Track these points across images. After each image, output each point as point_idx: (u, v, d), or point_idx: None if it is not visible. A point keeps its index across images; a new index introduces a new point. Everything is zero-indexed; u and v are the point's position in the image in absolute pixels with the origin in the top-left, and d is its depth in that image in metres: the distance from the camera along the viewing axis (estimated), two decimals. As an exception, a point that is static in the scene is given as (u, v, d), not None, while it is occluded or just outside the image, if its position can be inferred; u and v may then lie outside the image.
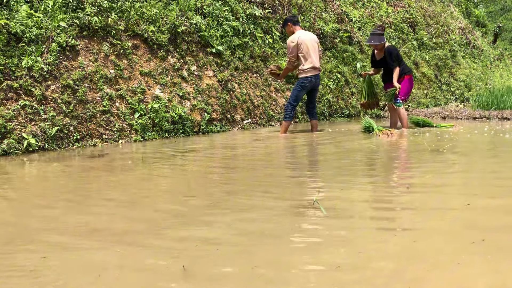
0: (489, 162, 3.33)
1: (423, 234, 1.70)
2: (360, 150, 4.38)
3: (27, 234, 1.92)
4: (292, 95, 5.88)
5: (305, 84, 5.76)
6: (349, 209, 2.08)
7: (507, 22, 26.60)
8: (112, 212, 2.22)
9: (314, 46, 5.79)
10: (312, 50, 5.72)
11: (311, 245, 1.64)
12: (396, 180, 2.79)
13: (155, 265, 1.50)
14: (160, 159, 4.07)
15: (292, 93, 5.92)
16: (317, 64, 5.80)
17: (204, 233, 1.82)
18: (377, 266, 1.42)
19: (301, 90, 5.82)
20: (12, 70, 4.76)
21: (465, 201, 2.17)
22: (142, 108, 5.66)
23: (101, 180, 3.18)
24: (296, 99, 5.86)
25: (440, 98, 11.81)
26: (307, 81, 5.74)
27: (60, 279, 1.42)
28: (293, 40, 5.62)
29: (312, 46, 5.75)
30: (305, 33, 5.85)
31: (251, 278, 1.37)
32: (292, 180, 2.91)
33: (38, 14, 5.16)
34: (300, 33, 5.72)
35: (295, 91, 5.86)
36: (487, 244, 1.55)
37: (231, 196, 2.46)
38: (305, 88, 5.81)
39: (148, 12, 6.21)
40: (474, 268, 1.37)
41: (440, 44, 13.05)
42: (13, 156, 4.35)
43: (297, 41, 5.60)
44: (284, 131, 5.74)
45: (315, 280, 1.34)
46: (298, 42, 5.61)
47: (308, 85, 5.78)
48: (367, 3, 11.41)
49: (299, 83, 5.80)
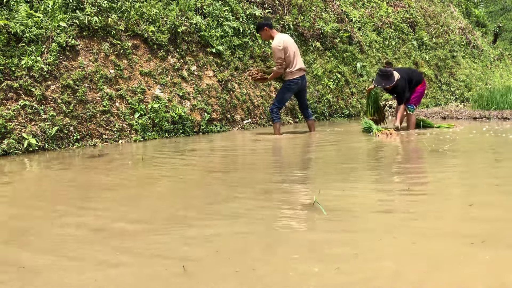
0: (489, 162, 3.33)
1: (423, 234, 1.70)
2: (360, 150, 4.38)
3: (27, 232, 1.92)
4: (278, 97, 5.83)
5: (291, 86, 5.71)
6: (350, 210, 2.08)
7: (507, 22, 26.61)
8: (112, 212, 2.22)
9: (296, 47, 5.79)
10: (296, 52, 5.72)
11: (311, 245, 1.64)
12: (396, 181, 2.79)
13: (155, 265, 1.50)
14: (160, 159, 4.07)
15: (278, 95, 5.86)
16: (303, 65, 5.80)
17: (204, 233, 1.82)
18: (377, 267, 1.42)
19: (287, 92, 5.77)
20: (12, 70, 4.76)
21: (465, 201, 2.18)
22: (142, 108, 5.66)
23: (101, 180, 3.18)
24: (281, 101, 5.81)
25: (440, 98, 11.81)
26: (293, 83, 5.69)
27: (49, 284, 1.42)
28: (279, 44, 5.53)
29: (295, 48, 5.75)
30: (285, 35, 5.79)
31: (250, 280, 1.37)
32: (293, 180, 2.91)
33: (38, 14, 5.16)
34: (281, 37, 5.65)
35: (281, 93, 5.81)
36: (487, 244, 1.55)
37: (231, 196, 2.46)
38: (291, 90, 5.75)
39: (148, 12, 6.21)
40: (474, 269, 1.37)
41: (440, 44, 13.05)
42: (13, 156, 4.36)
43: (283, 44, 5.54)
44: (278, 132, 5.70)
45: (314, 280, 1.34)
46: (284, 45, 5.54)
47: (294, 87, 5.73)
48: (367, 3, 11.41)
49: (285, 86, 5.74)
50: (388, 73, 5.33)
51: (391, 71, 5.35)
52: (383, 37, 10.94)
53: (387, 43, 10.96)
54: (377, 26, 10.97)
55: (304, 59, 8.54)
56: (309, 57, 8.66)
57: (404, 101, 5.56)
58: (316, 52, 8.89)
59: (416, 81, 5.68)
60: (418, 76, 5.76)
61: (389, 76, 5.32)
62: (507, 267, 1.38)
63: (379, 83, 5.43)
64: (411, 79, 5.61)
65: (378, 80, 5.41)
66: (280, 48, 5.52)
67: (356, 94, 9.25)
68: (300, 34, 8.70)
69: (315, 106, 8.29)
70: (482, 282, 1.28)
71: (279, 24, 8.28)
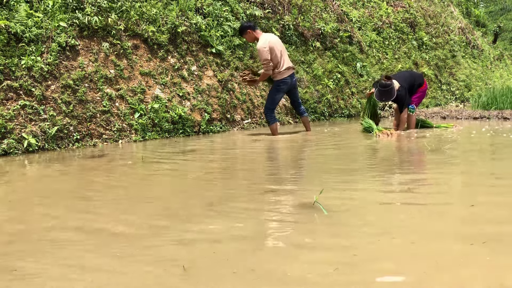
0: (489, 162, 3.33)
1: (423, 235, 1.70)
2: (360, 150, 4.38)
3: (27, 234, 1.92)
4: (269, 100, 5.76)
5: (281, 87, 5.66)
6: (350, 209, 2.08)
7: (507, 22, 26.60)
8: (112, 213, 2.22)
9: (282, 46, 5.73)
10: (283, 51, 5.65)
11: (311, 245, 1.64)
12: (397, 181, 2.79)
13: (155, 265, 1.50)
14: (160, 159, 4.07)
15: (269, 97, 5.79)
16: (291, 63, 5.74)
17: (203, 233, 1.82)
18: (377, 267, 1.42)
19: (277, 93, 5.71)
20: (12, 70, 4.76)
21: (465, 201, 2.18)
22: (142, 108, 5.66)
23: (101, 180, 3.18)
24: (273, 102, 5.75)
25: (440, 98, 11.81)
26: (283, 83, 5.63)
27: (52, 281, 1.42)
28: (264, 45, 5.46)
29: (281, 47, 5.68)
30: (270, 35, 5.71)
31: (249, 280, 1.37)
32: (293, 180, 2.91)
33: (38, 14, 5.16)
34: (266, 37, 5.57)
35: (272, 94, 5.74)
36: (488, 245, 1.55)
37: (230, 196, 2.46)
38: (281, 90, 5.70)
39: (148, 12, 6.21)
40: (475, 270, 1.37)
41: (440, 44, 13.04)
42: (13, 156, 4.35)
43: (268, 45, 5.46)
44: (275, 133, 5.67)
45: (314, 281, 1.34)
46: (270, 46, 5.47)
47: (284, 87, 5.68)
48: (367, 3, 11.40)
49: (275, 86, 5.69)
50: (388, 88, 5.25)
51: (391, 85, 5.25)
52: (383, 37, 10.94)
53: (387, 43, 10.96)
54: (377, 26, 10.97)
55: (304, 59, 8.54)
56: (309, 57, 8.66)
57: (404, 108, 5.53)
58: (316, 52, 8.89)
59: (417, 85, 5.64)
60: (419, 79, 5.70)
61: (390, 91, 5.25)
62: (507, 268, 1.38)
63: (379, 98, 5.39)
64: (413, 84, 5.56)
65: (379, 95, 5.36)
66: (265, 49, 5.43)
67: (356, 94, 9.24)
68: (300, 34, 8.70)
69: (315, 106, 8.29)
70: (482, 283, 1.28)
71: (279, 24, 8.28)
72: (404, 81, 5.49)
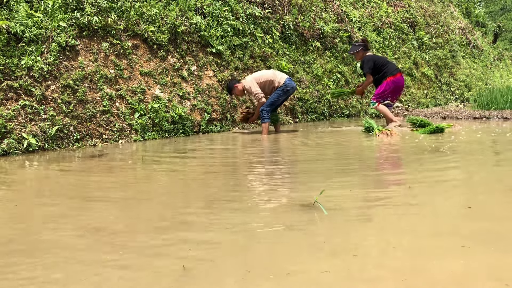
0: (489, 162, 3.33)
1: (423, 234, 1.70)
2: (360, 150, 4.38)
3: (27, 233, 1.92)
4: (270, 99, 5.92)
5: (288, 89, 5.90)
6: (350, 209, 2.08)
7: (507, 22, 26.62)
8: (112, 212, 2.22)
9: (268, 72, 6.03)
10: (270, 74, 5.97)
11: (311, 245, 1.64)
12: (397, 180, 2.79)
13: (154, 265, 1.50)
14: (160, 159, 4.07)
15: (272, 97, 5.93)
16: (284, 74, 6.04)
17: (203, 233, 1.82)
18: (377, 267, 1.42)
19: (281, 96, 5.91)
20: (12, 70, 4.76)
21: (465, 200, 2.18)
22: (142, 108, 5.66)
23: (100, 180, 3.18)
24: (273, 103, 5.92)
25: (440, 98, 11.82)
26: (290, 87, 5.90)
27: (52, 281, 1.42)
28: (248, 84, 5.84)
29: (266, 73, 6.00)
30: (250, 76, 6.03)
31: (249, 280, 1.37)
32: (293, 180, 2.91)
33: (38, 14, 5.16)
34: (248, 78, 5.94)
35: (276, 95, 5.90)
36: (488, 245, 1.55)
37: (230, 196, 2.46)
38: (286, 93, 5.93)
39: (148, 12, 6.21)
40: (475, 269, 1.37)
41: (440, 44, 13.05)
42: (13, 156, 4.35)
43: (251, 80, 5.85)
44: (266, 132, 5.84)
45: (314, 281, 1.34)
46: (253, 78, 5.86)
47: (291, 91, 5.95)
48: (367, 3, 11.40)
49: (281, 89, 5.88)
50: (356, 44, 6.27)
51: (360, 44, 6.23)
52: (383, 37, 10.94)
53: (387, 43, 10.96)
54: (377, 26, 10.97)
55: (304, 59, 8.55)
56: (309, 57, 8.66)
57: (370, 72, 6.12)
58: (316, 52, 8.89)
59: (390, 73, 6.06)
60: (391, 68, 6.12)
61: (356, 46, 6.25)
62: (507, 267, 1.38)
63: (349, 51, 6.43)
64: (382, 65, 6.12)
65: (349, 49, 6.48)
66: (251, 84, 5.80)
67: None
68: (300, 34, 8.70)
69: (315, 106, 8.30)
70: (482, 283, 1.28)
71: (279, 24, 8.29)
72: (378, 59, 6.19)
